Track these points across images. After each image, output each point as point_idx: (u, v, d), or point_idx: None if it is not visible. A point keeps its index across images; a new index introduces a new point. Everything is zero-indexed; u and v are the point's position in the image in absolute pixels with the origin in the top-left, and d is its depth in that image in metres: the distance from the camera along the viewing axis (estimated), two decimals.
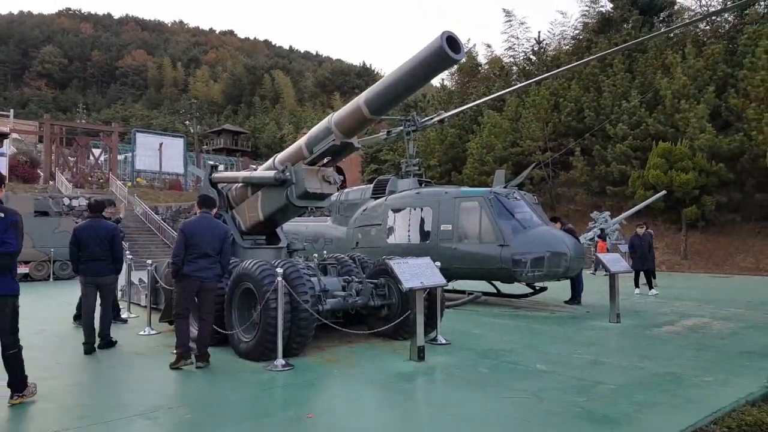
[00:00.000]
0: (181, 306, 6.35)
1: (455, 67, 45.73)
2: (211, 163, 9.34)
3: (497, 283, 12.20)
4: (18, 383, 4.82)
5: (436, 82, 50.47)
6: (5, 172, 33.17)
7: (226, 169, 35.63)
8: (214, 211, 6.77)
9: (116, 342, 7.35)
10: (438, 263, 7.43)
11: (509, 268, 10.25)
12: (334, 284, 7.59)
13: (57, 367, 6.25)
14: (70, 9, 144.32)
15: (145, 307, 8.98)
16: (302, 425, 4.34)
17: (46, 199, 21.42)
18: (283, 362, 6.06)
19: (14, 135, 41.98)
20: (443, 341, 7.41)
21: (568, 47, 39.64)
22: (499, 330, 8.64)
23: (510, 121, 34.45)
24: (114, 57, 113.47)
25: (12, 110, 49.12)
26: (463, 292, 11.53)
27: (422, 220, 11.74)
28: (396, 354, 6.78)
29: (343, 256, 8.75)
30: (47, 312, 10.82)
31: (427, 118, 14.50)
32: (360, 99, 7.13)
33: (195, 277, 6.18)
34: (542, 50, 41.17)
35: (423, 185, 13.13)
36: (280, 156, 8.52)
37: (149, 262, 9.07)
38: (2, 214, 4.61)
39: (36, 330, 8.39)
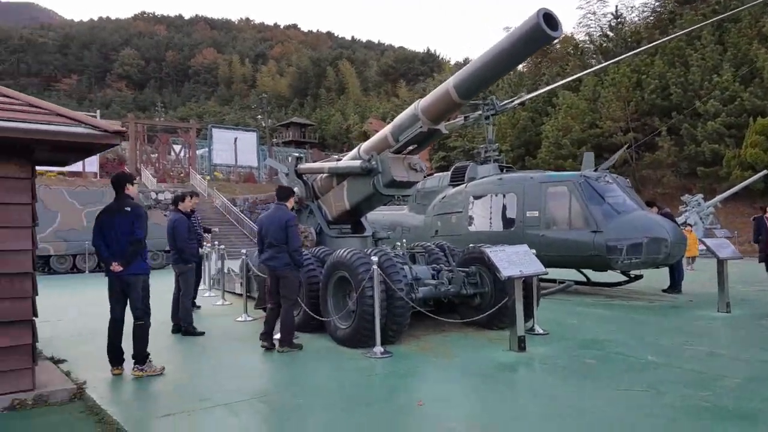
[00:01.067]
0: (267, 293, 6.71)
1: None
2: (297, 154, 9.50)
3: (587, 272, 11.76)
4: (139, 356, 5.27)
5: None
6: (96, 169, 35.17)
7: None
8: (290, 201, 6.79)
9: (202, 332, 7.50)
10: (534, 251, 7.20)
11: (603, 255, 9.82)
12: (424, 272, 7.51)
13: (165, 350, 6.49)
14: (145, 12, 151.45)
15: (240, 295, 9.23)
16: (412, 412, 4.32)
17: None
18: (382, 350, 6.05)
19: None
20: (540, 331, 7.19)
21: (649, 20, 37.48)
22: (596, 320, 8.29)
23: (588, 102, 33.08)
24: (186, 56, 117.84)
25: (98, 111, 51.98)
26: (553, 280, 11.17)
27: (505, 207, 11.45)
28: (493, 344, 6.63)
29: (429, 244, 8.65)
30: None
31: (507, 101, 14.09)
32: (449, 83, 7.00)
33: (266, 265, 6.51)
34: (621, 25, 39.17)
35: (504, 171, 12.80)
36: (365, 145, 8.51)
37: (243, 251, 9.31)
38: (129, 209, 5.35)
39: None
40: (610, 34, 39.48)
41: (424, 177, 8.43)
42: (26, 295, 4.57)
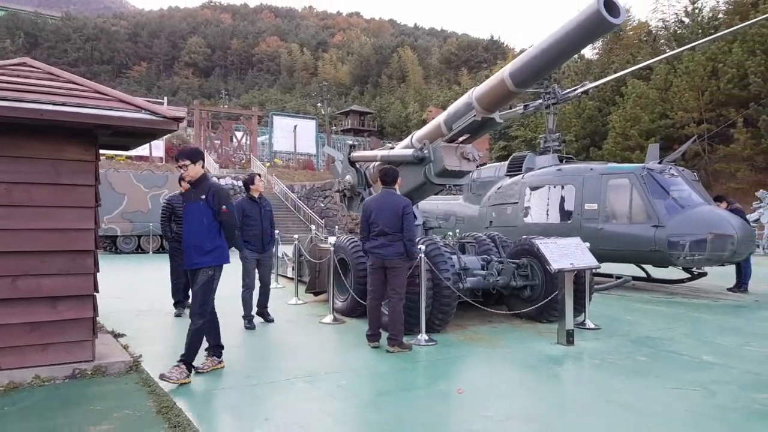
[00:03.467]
0: (370, 285, 6.06)
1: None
2: (350, 142, 9.64)
3: (648, 268, 11.36)
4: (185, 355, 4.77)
5: None
6: (162, 154, 36.56)
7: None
8: (397, 184, 6.19)
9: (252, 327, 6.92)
10: (587, 244, 7.03)
11: (664, 250, 9.47)
12: (473, 263, 7.46)
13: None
14: (211, 1, 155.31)
15: (292, 279, 9.45)
16: (453, 399, 4.32)
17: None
18: (426, 337, 6.08)
19: None
20: (592, 326, 7.04)
21: (729, 5, 35.28)
22: (653, 317, 8.01)
23: (659, 91, 31.58)
24: (250, 44, 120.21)
25: (165, 98, 54.09)
26: (609, 275, 10.86)
27: (563, 199, 11.19)
28: (542, 336, 6.54)
29: (480, 235, 8.57)
30: None
31: (569, 90, 13.69)
32: (504, 71, 6.87)
33: (374, 254, 5.89)
34: (697, 10, 37.13)
35: (564, 162, 12.48)
36: (418, 134, 8.49)
37: (295, 236, 9.51)
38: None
39: None
40: (686, 20, 37.48)
41: (477, 166, 8.30)
42: (88, 271, 4.83)
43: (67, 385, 4.48)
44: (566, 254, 6.38)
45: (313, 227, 13.74)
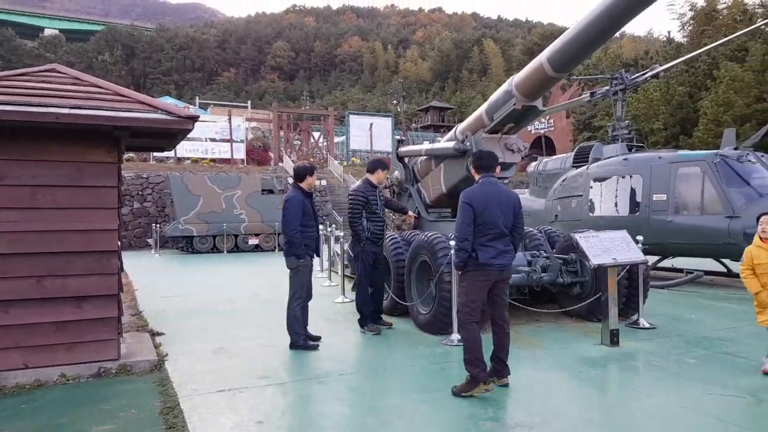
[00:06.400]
0: (475, 303, 4.43)
1: (687, 16, 40.17)
2: (398, 137, 9.47)
3: (728, 262, 10.40)
4: None
5: (661, 33, 44.48)
6: (243, 156, 37.90)
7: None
8: (498, 170, 4.84)
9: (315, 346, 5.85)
10: (640, 237, 6.51)
11: (739, 243, 8.57)
12: (518, 259, 7.03)
13: (259, 327, 6.81)
14: (295, 5, 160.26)
15: (345, 276, 9.37)
16: (470, 402, 4.10)
17: (271, 178, 23.99)
18: (459, 337, 5.79)
19: (253, 123, 48.19)
20: (646, 325, 6.54)
21: None
22: (720, 315, 7.31)
23: (754, 73, 28.90)
24: (333, 46, 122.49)
25: (249, 101, 56.26)
26: (680, 270, 10.03)
27: (631, 190, 10.45)
28: (586, 336, 6.13)
29: (531, 229, 8.14)
30: (266, 279, 12.00)
31: (637, 75, 12.79)
32: (542, 56, 6.50)
33: (497, 265, 4.34)
34: None
35: (633, 150, 11.67)
36: (461, 126, 8.24)
37: (340, 234, 9.49)
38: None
39: (251, 294, 9.38)
40: None
41: (523, 158, 7.88)
42: (112, 272, 4.96)
43: (88, 384, 4.59)
44: (609, 248, 5.90)
45: None
